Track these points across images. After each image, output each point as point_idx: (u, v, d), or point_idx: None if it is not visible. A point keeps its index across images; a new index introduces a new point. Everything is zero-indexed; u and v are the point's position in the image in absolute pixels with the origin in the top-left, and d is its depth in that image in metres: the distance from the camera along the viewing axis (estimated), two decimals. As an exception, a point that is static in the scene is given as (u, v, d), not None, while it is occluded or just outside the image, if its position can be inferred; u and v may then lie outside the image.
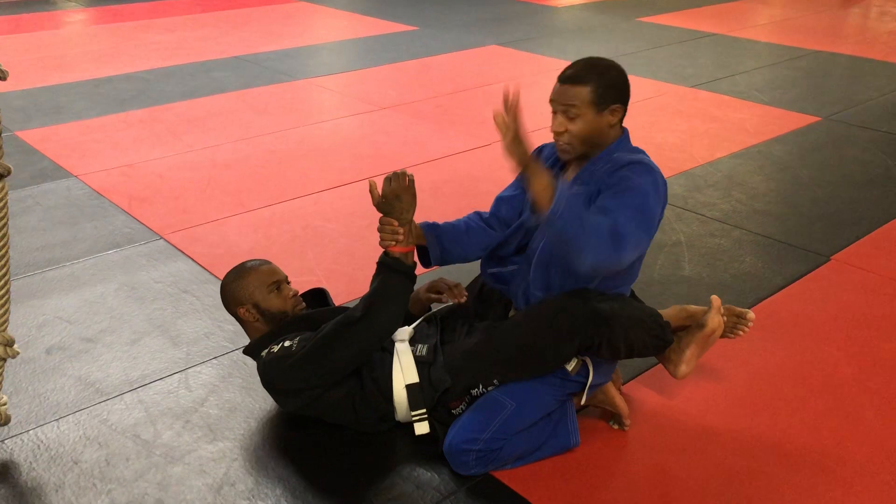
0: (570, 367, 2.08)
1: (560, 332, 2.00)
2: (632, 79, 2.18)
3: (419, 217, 2.21)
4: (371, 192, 2.17)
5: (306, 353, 2.09)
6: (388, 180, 2.14)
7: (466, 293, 2.31)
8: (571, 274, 2.09)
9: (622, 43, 7.14)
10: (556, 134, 2.08)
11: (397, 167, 4.18)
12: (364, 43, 7.13)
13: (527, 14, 8.49)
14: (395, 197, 2.12)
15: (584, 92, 2.02)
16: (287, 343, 2.15)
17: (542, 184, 1.90)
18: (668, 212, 3.70)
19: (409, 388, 2.12)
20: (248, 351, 2.30)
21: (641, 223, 1.96)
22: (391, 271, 2.08)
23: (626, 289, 2.19)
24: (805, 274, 3.17)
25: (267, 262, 2.35)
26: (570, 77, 2.04)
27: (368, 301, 2.08)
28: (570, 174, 2.16)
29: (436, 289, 2.34)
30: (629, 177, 2.01)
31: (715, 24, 7.95)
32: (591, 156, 2.11)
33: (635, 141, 2.20)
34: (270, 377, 2.18)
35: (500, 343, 2.07)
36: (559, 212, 1.87)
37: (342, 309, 2.37)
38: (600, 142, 2.09)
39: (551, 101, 2.08)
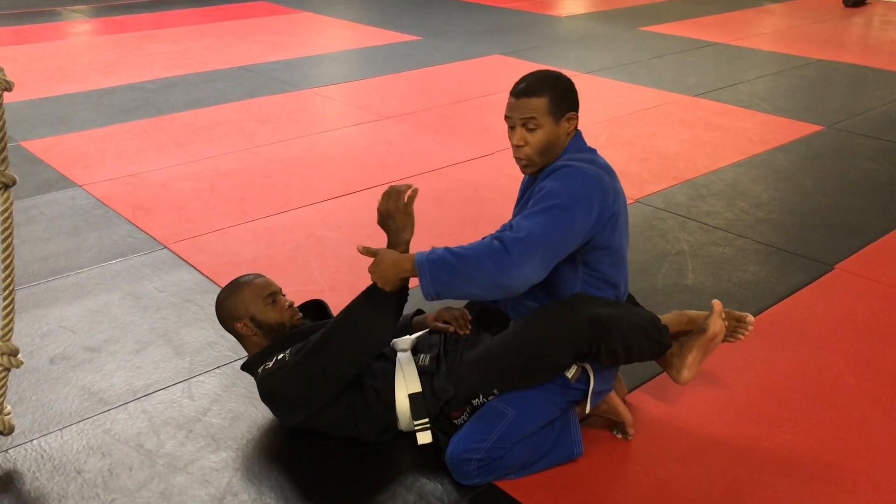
0: (570, 374, 2.08)
1: (559, 339, 2.00)
2: (634, 88, 2.20)
3: (423, 228, 2.20)
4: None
5: (300, 358, 2.09)
6: (385, 196, 2.08)
7: (471, 327, 2.31)
8: (551, 283, 2.11)
9: (625, 52, 7.16)
10: (517, 147, 2.09)
11: (400, 176, 4.20)
12: (367, 53, 7.16)
13: (530, 24, 8.52)
14: (387, 216, 2.08)
15: (541, 103, 2.05)
16: (280, 356, 2.15)
17: (391, 265, 2.00)
18: (671, 221, 3.70)
19: (411, 397, 2.12)
20: (246, 367, 2.30)
21: (541, 225, 1.95)
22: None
23: (611, 293, 2.18)
24: (808, 283, 3.16)
25: (260, 276, 2.36)
26: (525, 90, 2.07)
27: (351, 307, 2.11)
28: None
29: (442, 318, 2.34)
30: (544, 186, 2.03)
31: (718, 34, 7.96)
32: (548, 165, 2.12)
33: (640, 151, 2.21)
34: (270, 389, 2.17)
35: (500, 351, 2.07)
36: (425, 260, 1.95)
37: None
38: (557, 151, 2.11)
39: (507, 116, 2.10)
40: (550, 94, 2.06)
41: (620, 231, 2.13)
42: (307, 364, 2.09)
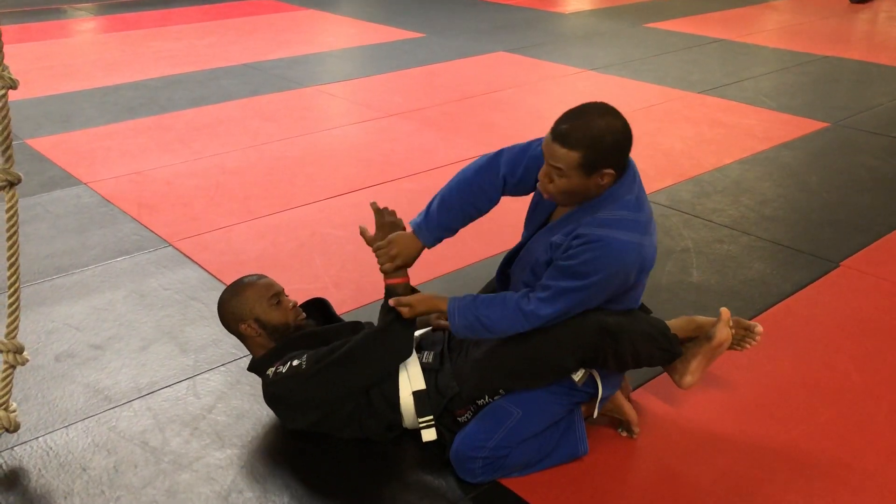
0: (578, 377, 2.07)
1: (567, 345, 2.00)
2: (639, 85, 2.19)
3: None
4: (362, 234, 2.24)
5: (321, 368, 2.10)
6: (374, 231, 2.21)
7: None
8: None
9: (629, 49, 7.14)
10: (540, 182, 1.97)
11: (404, 174, 4.20)
12: (371, 50, 7.15)
13: (534, 20, 8.51)
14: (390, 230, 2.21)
15: (572, 157, 1.84)
16: (296, 362, 2.15)
17: (425, 305, 2.12)
18: (675, 218, 3.70)
19: (415, 394, 2.12)
20: (252, 368, 2.30)
21: (560, 302, 1.94)
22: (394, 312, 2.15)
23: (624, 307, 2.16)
24: (814, 280, 3.16)
25: (263, 276, 2.36)
26: (561, 137, 1.85)
27: (383, 331, 2.15)
28: (559, 213, 2.09)
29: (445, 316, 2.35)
30: (582, 255, 1.90)
31: (722, 30, 7.94)
32: (578, 204, 1.99)
33: (644, 148, 2.18)
34: (282, 394, 2.17)
35: (508, 353, 2.06)
36: (456, 322, 2.05)
37: (349, 324, 2.38)
38: (588, 197, 1.95)
39: (543, 147, 1.93)
40: (586, 151, 1.84)
41: (648, 277, 2.08)
42: (328, 374, 2.10)
